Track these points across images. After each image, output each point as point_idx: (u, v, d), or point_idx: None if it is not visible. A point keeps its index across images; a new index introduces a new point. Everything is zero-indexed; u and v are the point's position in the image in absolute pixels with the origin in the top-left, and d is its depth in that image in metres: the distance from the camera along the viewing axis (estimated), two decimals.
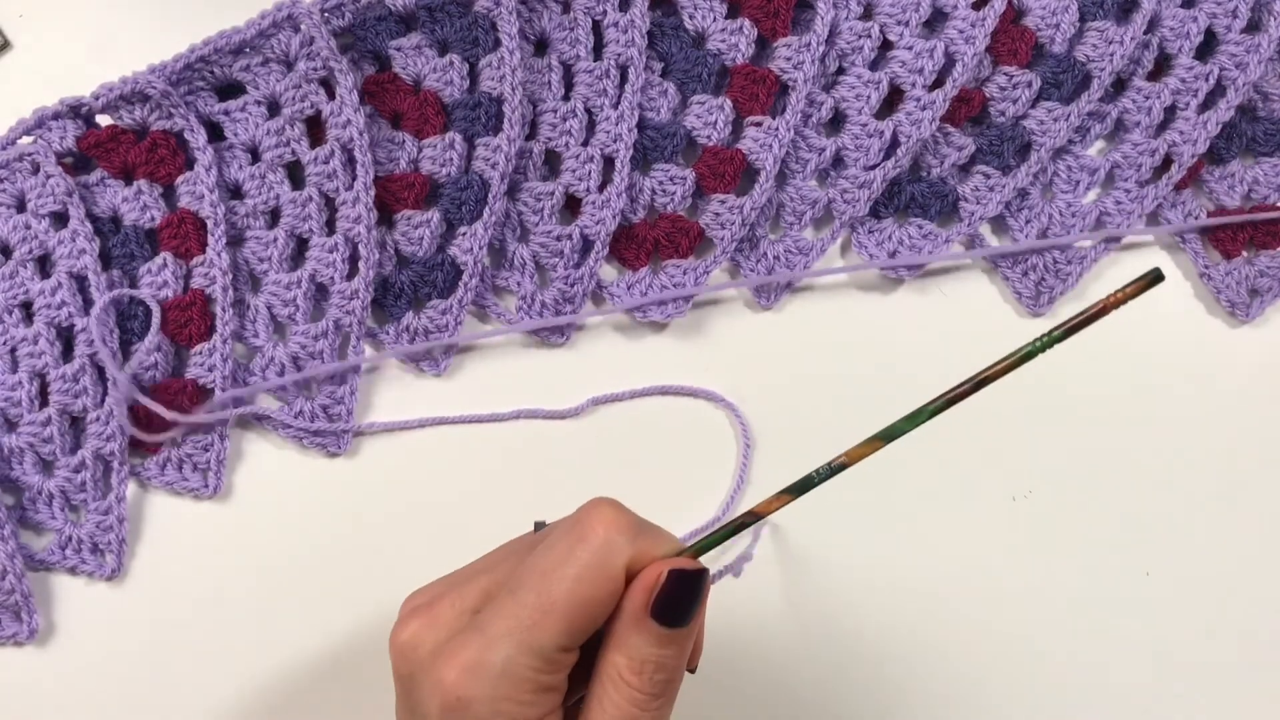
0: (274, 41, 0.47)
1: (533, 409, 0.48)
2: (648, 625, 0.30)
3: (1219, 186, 0.50)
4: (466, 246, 0.48)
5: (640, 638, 0.30)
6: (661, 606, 0.30)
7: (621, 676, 0.30)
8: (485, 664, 0.29)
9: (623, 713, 0.30)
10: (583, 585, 0.30)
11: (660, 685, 0.30)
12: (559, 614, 0.30)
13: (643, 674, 0.30)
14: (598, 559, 0.30)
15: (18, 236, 0.47)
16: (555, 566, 0.30)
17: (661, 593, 0.30)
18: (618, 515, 0.31)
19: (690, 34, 0.49)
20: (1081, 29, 0.49)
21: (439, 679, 0.30)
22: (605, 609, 0.30)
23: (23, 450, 0.47)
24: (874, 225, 0.50)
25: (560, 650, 0.30)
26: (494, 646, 0.30)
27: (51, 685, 0.46)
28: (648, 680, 0.30)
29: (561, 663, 0.30)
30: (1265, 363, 0.49)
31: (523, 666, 0.29)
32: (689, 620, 0.31)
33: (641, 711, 0.30)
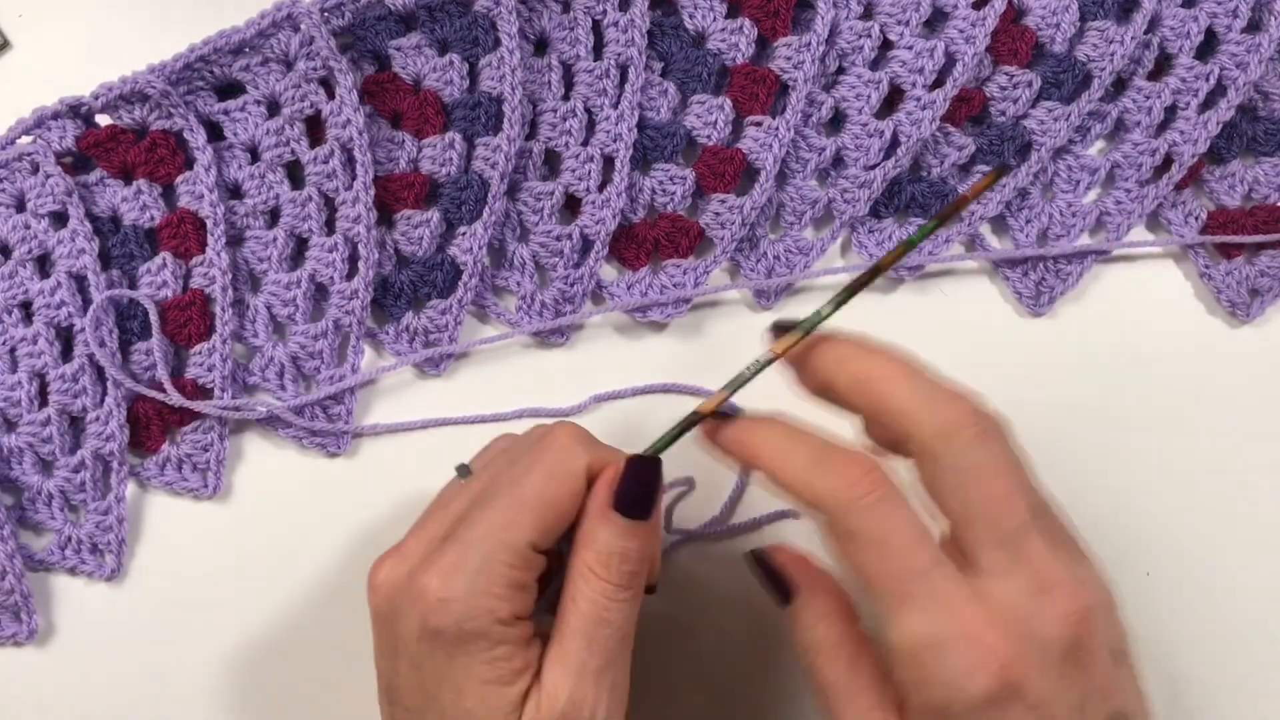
0: (274, 41, 0.47)
1: (535, 407, 0.48)
2: (611, 518, 0.33)
3: (1219, 186, 0.50)
4: (466, 246, 0.48)
5: (605, 531, 0.33)
6: (623, 496, 0.33)
7: (591, 570, 0.33)
8: (464, 564, 0.32)
9: (593, 604, 0.32)
10: (550, 483, 0.33)
11: (626, 577, 0.33)
12: (530, 511, 0.33)
13: (610, 566, 0.33)
14: (561, 461, 0.33)
15: (17, 236, 0.47)
16: (524, 473, 0.34)
17: (623, 482, 0.33)
18: (576, 429, 0.35)
19: (690, 34, 0.49)
20: (1082, 29, 0.49)
21: (420, 590, 0.32)
22: (570, 507, 0.33)
23: (22, 450, 0.47)
24: (874, 225, 0.50)
25: (532, 547, 0.33)
26: (471, 548, 0.32)
27: (51, 685, 0.46)
28: (614, 572, 0.33)
29: (533, 562, 0.33)
30: (1265, 363, 0.49)
31: (499, 563, 0.32)
32: (648, 511, 0.33)
33: (610, 601, 0.33)
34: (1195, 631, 0.46)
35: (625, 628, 0.33)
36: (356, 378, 0.48)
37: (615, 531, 0.33)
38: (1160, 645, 0.46)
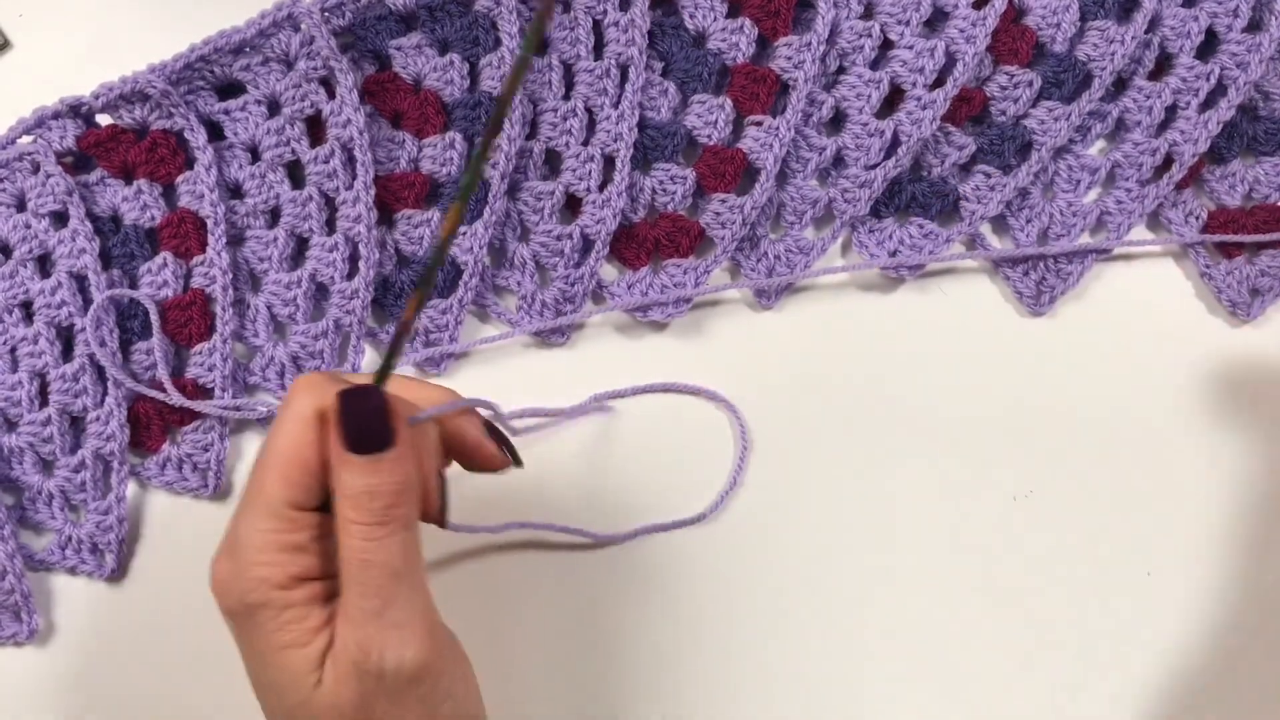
0: (274, 41, 0.47)
1: (535, 408, 0.48)
2: (347, 459, 0.31)
3: (1220, 186, 0.50)
4: (467, 246, 0.48)
5: (347, 474, 0.31)
6: (347, 435, 0.31)
7: (347, 519, 0.31)
8: (233, 542, 0.32)
9: (354, 550, 0.31)
10: (285, 437, 0.32)
11: (381, 513, 0.31)
12: (272, 470, 0.32)
13: (361, 507, 0.31)
14: (292, 410, 0.32)
15: (18, 236, 0.47)
16: (269, 434, 0.33)
17: (339, 419, 0.31)
18: (311, 375, 0.33)
19: (691, 33, 0.49)
20: (1082, 28, 0.49)
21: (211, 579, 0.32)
22: (311, 456, 0.32)
23: (23, 450, 0.47)
24: (875, 225, 0.50)
25: (289, 506, 0.32)
26: (237, 524, 0.32)
27: (51, 685, 0.46)
28: (367, 511, 0.31)
29: (299, 521, 0.32)
30: (1265, 363, 0.49)
31: (258, 531, 0.31)
32: (383, 442, 0.31)
33: (370, 543, 0.31)
34: (1195, 631, 0.46)
35: (396, 564, 0.31)
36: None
37: (355, 471, 0.31)
38: (1160, 645, 0.46)
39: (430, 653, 0.31)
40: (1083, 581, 0.46)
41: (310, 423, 0.32)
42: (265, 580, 0.31)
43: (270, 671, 0.32)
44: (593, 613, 0.46)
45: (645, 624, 0.46)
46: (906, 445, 0.48)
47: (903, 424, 0.48)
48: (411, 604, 0.32)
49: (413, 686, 0.31)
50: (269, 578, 0.31)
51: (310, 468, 0.32)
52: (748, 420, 0.48)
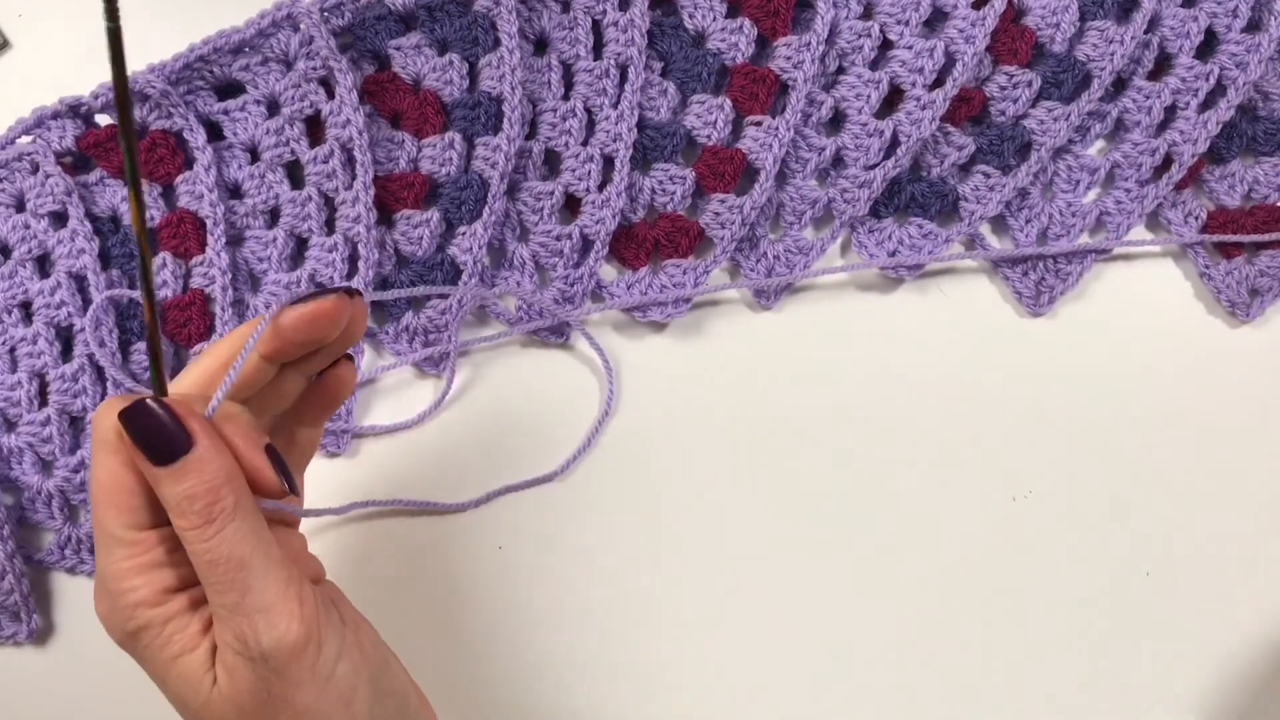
0: (273, 41, 0.47)
1: (511, 484, 0.48)
2: (153, 472, 0.31)
3: (1219, 186, 0.50)
4: (466, 246, 0.48)
5: (161, 486, 0.31)
6: (140, 448, 0.31)
7: (179, 526, 0.31)
8: (100, 580, 0.32)
9: (199, 555, 0.31)
10: (100, 469, 0.32)
11: (204, 513, 0.31)
12: (102, 502, 0.32)
13: (184, 513, 0.31)
14: (96, 439, 0.32)
15: (17, 236, 0.47)
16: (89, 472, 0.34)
17: (130, 438, 0.31)
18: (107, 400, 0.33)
19: (690, 33, 0.49)
20: (1082, 28, 0.49)
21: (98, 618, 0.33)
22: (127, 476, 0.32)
23: (22, 450, 0.47)
24: (874, 225, 0.50)
25: (131, 529, 0.32)
26: (99, 561, 0.33)
27: (51, 685, 0.46)
28: (191, 515, 0.31)
29: (146, 541, 0.32)
30: (1265, 363, 0.49)
31: (112, 563, 0.32)
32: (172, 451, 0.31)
33: (203, 543, 0.31)
34: (1195, 631, 0.46)
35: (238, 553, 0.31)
36: (356, 378, 0.48)
37: (165, 482, 0.31)
38: (1160, 644, 0.46)
39: (303, 623, 0.32)
40: (1082, 581, 0.46)
41: (116, 447, 0.32)
42: (138, 604, 0.32)
43: (171, 684, 0.33)
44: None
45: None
46: (906, 445, 0.48)
47: (902, 424, 0.48)
48: (268, 585, 0.32)
49: (296, 659, 0.32)
50: (140, 600, 0.32)
51: (133, 489, 0.32)
52: (747, 420, 0.48)
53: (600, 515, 0.47)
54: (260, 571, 0.32)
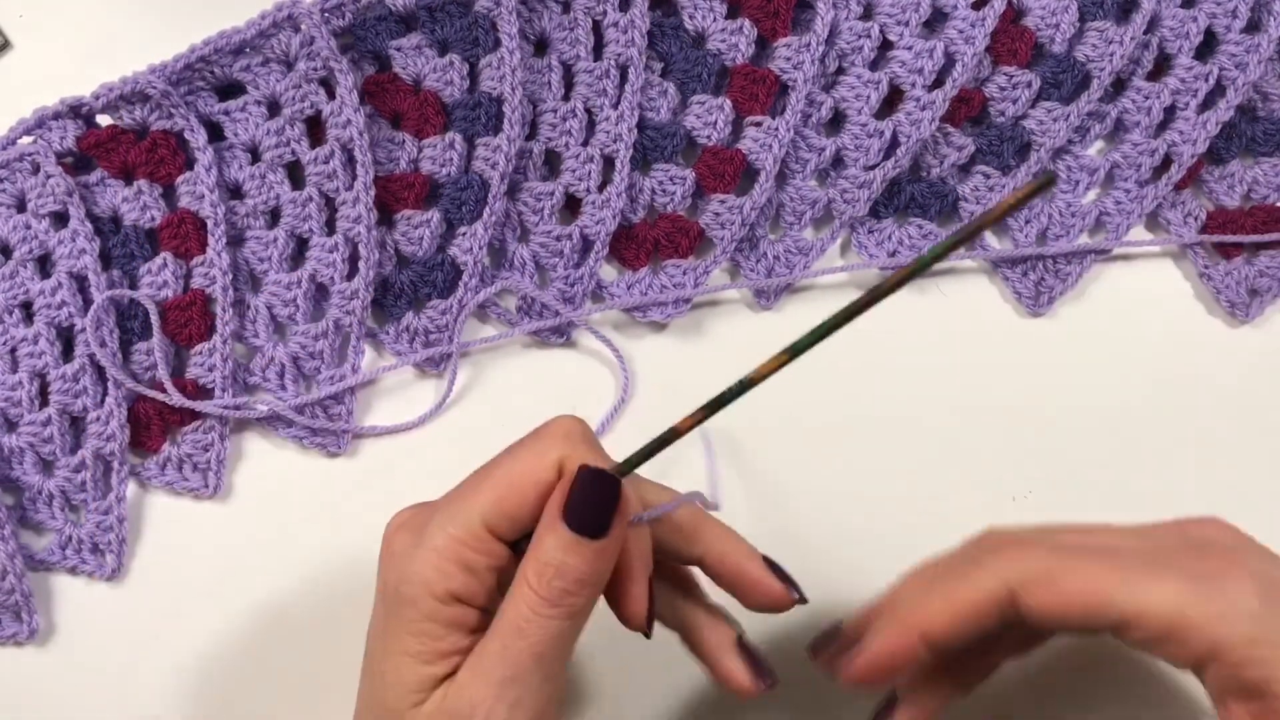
0: (274, 41, 0.47)
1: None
2: (558, 527, 0.31)
3: (1219, 186, 0.50)
4: (466, 246, 0.48)
5: (549, 539, 0.31)
6: (571, 506, 0.31)
7: (525, 577, 0.31)
8: (423, 527, 0.32)
9: (517, 613, 0.31)
10: (516, 464, 0.32)
11: (557, 593, 0.31)
12: (490, 487, 0.31)
13: (542, 577, 0.30)
14: (536, 446, 0.32)
15: (18, 236, 0.47)
16: (504, 453, 0.33)
17: (572, 490, 0.31)
18: (574, 424, 0.33)
19: (690, 34, 0.49)
20: (1081, 29, 0.49)
21: (388, 541, 0.32)
22: (533, 496, 0.31)
23: (23, 450, 0.47)
24: (874, 225, 0.50)
25: (485, 528, 0.31)
26: (435, 513, 0.32)
27: (51, 685, 0.46)
28: (545, 585, 0.30)
29: (486, 544, 0.31)
30: (1265, 363, 0.49)
31: (447, 533, 0.31)
32: (599, 530, 0.31)
33: (534, 615, 0.31)
34: None
35: (545, 646, 0.31)
36: (357, 378, 0.48)
37: (557, 543, 0.31)
38: None
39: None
40: None
41: (550, 467, 0.31)
42: (426, 582, 0.31)
43: (384, 663, 0.32)
44: None
45: None
46: (906, 445, 0.48)
47: (902, 424, 0.48)
48: (538, 692, 0.31)
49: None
50: (431, 582, 0.31)
51: (524, 505, 0.31)
52: (746, 420, 0.48)
53: None
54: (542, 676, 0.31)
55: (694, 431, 0.33)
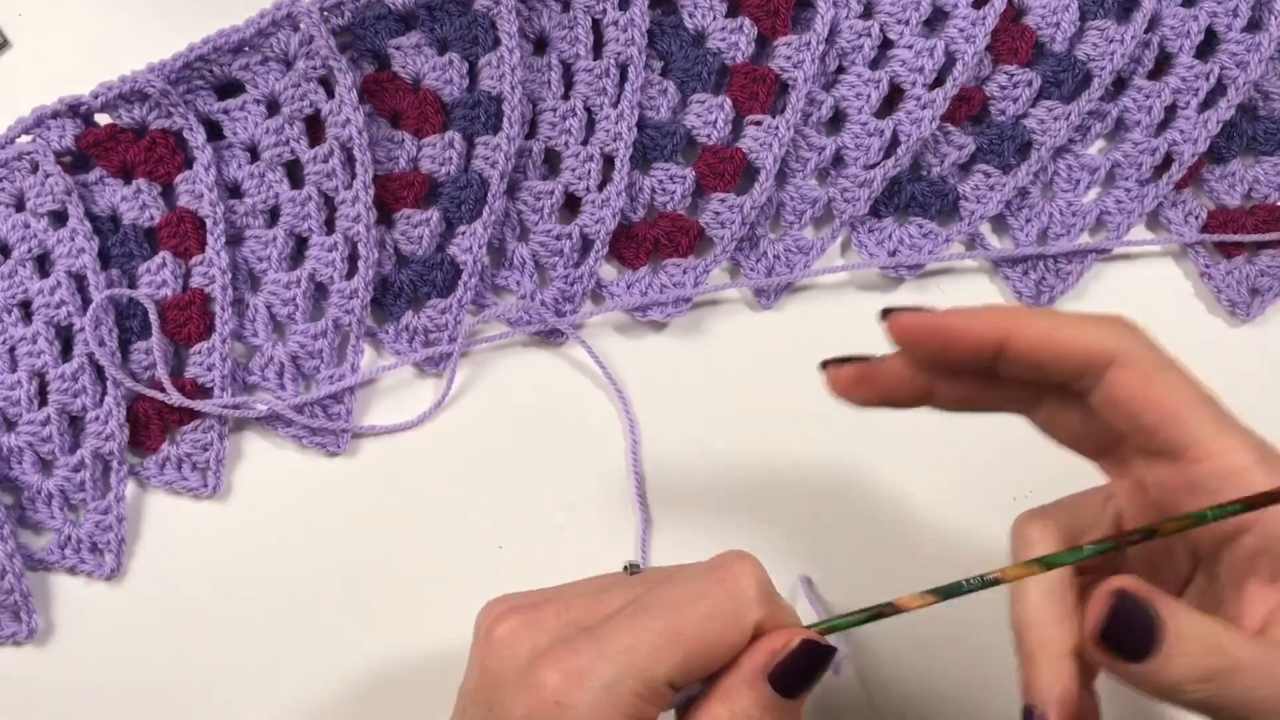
0: (273, 40, 0.47)
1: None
2: (761, 687, 0.30)
3: (1219, 186, 0.50)
4: (466, 245, 0.48)
5: (750, 697, 0.30)
6: (783, 672, 0.30)
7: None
8: (594, 674, 0.29)
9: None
10: (714, 625, 0.30)
11: None
12: (681, 647, 0.29)
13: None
14: (734, 605, 0.30)
15: (16, 235, 0.47)
16: (690, 601, 0.30)
17: (789, 659, 0.30)
18: (757, 570, 0.31)
19: (690, 33, 0.49)
20: (1082, 28, 0.49)
21: (540, 680, 0.29)
22: (723, 658, 0.30)
23: (22, 450, 0.47)
24: (874, 224, 0.50)
25: (668, 684, 0.29)
26: (608, 660, 0.29)
27: (51, 685, 0.46)
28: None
29: (663, 699, 0.30)
30: (1265, 362, 0.49)
31: (628, 690, 0.29)
32: (800, 693, 0.30)
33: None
34: None
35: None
36: (356, 377, 0.48)
37: (759, 702, 0.30)
38: None
39: None
40: None
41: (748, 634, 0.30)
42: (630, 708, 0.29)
43: None
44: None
45: None
46: (906, 445, 0.48)
47: (903, 424, 0.48)
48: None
49: None
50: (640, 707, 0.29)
51: (710, 666, 0.30)
52: (747, 420, 0.48)
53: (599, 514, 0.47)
54: None
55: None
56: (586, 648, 0.29)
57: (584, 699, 0.28)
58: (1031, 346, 0.31)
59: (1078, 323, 0.31)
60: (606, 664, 0.29)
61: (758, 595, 0.30)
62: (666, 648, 0.29)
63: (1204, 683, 0.28)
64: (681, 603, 0.30)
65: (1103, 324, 0.31)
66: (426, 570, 0.47)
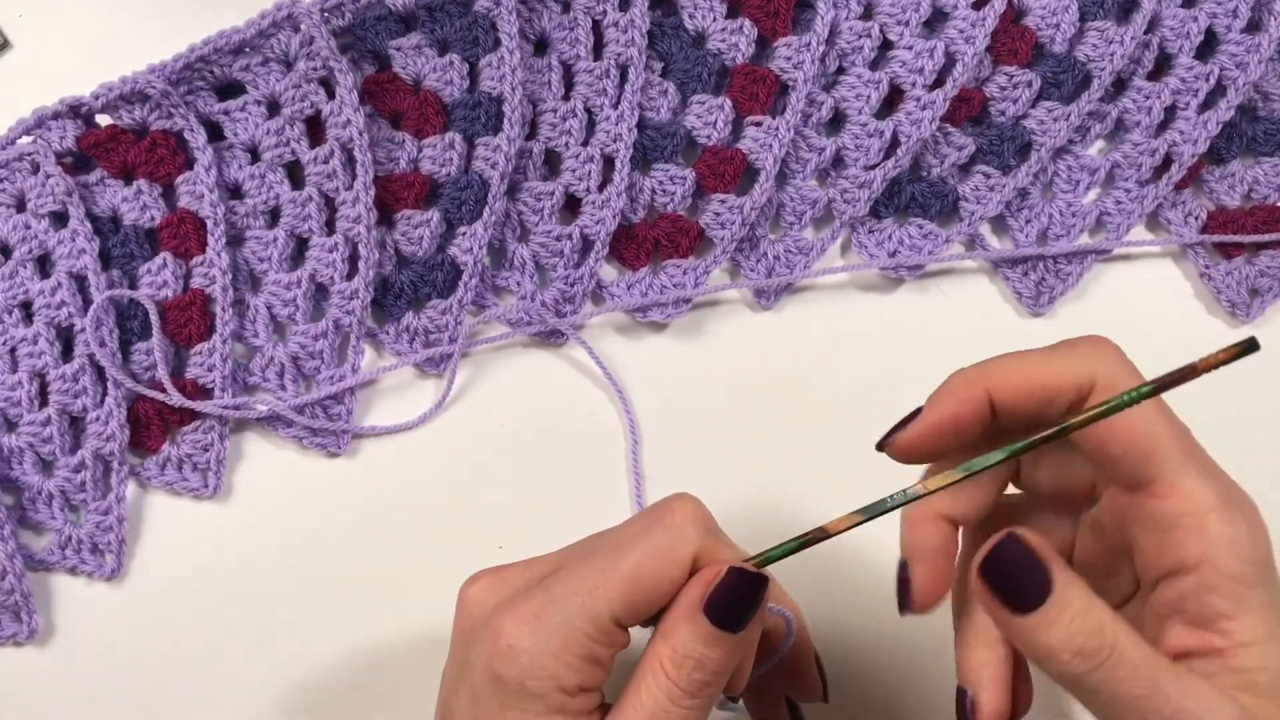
0: (274, 41, 0.47)
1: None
2: (698, 620, 0.30)
3: (1219, 186, 0.50)
4: (466, 246, 0.48)
5: (688, 630, 0.31)
6: (715, 603, 0.30)
7: (662, 666, 0.31)
8: (542, 617, 0.30)
9: (655, 703, 0.31)
10: (650, 560, 0.31)
11: (697, 685, 0.31)
12: (621, 583, 0.31)
13: (682, 668, 0.30)
14: (669, 541, 0.31)
15: (17, 236, 0.47)
16: (627, 541, 0.31)
17: (718, 588, 0.31)
18: (696, 509, 0.32)
19: (690, 34, 0.49)
20: (1082, 29, 0.49)
21: (496, 627, 0.31)
22: (666, 590, 0.31)
23: (22, 450, 0.47)
24: (874, 225, 0.50)
25: (614, 622, 0.31)
26: (555, 603, 0.31)
27: (51, 685, 0.46)
28: (685, 676, 0.31)
29: (614, 637, 0.31)
30: (1265, 363, 0.49)
31: (577, 629, 0.30)
32: (739, 625, 0.31)
33: (673, 705, 0.31)
34: None
35: None
36: (357, 378, 0.48)
37: (697, 635, 0.30)
38: None
39: None
40: None
41: (686, 565, 0.31)
42: (555, 677, 0.30)
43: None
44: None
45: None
46: None
47: None
48: None
49: None
50: (560, 677, 0.30)
51: (657, 600, 0.31)
52: (747, 420, 0.48)
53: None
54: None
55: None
56: (537, 594, 0.31)
57: (533, 640, 0.30)
58: (1016, 397, 0.31)
59: (1053, 357, 0.31)
60: (554, 607, 0.30)
61: (692, 528, 0.31)
62: (608, 586, 0.30)
63: (1079, 657, 0.28)
64: (621, 543, 0.31)
65: (1078, 351, 0.32)
66: (427, 570, 0.47)
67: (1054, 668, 0.28)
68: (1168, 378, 0.30)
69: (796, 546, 0.32)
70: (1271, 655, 0.28)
